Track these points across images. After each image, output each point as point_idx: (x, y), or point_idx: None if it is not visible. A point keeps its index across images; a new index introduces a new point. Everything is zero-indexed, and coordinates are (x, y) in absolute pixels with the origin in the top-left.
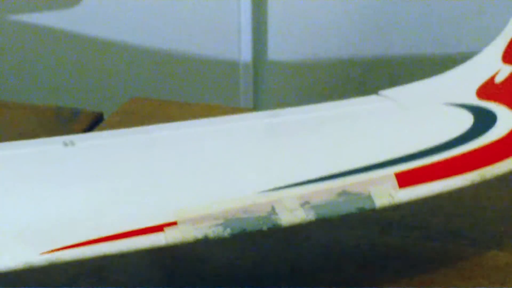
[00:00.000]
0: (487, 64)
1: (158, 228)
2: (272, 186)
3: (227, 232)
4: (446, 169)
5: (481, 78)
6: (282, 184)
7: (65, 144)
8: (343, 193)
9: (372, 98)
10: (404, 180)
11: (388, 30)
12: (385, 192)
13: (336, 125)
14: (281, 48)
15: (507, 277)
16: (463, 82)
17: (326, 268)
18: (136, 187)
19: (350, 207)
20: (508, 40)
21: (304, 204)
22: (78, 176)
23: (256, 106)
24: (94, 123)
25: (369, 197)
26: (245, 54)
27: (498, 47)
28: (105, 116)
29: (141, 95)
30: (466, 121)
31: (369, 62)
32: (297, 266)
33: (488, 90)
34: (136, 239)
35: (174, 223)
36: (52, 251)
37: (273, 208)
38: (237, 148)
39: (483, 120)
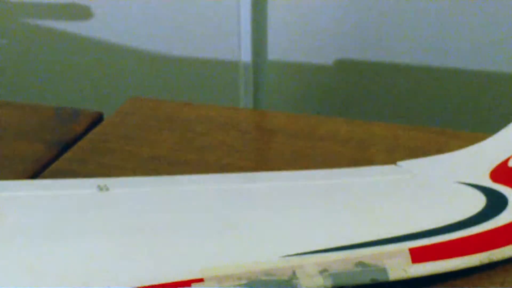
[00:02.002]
0: (501, 147)
1: (186, 283)
2: (293, 252)
3: None
4: (457, 249)
5: (495, 160)
6: (302, 250)
7: (100, 189)
8: (360, 264)
9: (390, 168)
10: (417, 256)
11: (386, 35)
12: (399, 266)
13: (355, 195)
14: (281, 49)
15: (506, 277)
16: (478, 162)
17: None
18: (165, 241)
19: (365, 278)
20: None
21: (323, 271)
22: (111, 225)
23: (256, 106)
24: (94, 123)
25: (383, 270)
26: (245, 55)
27: None
28: (105, 116)
29: (141, 95)
30: (479, 202)
31: (367, 63)
32: None
33: (501, 173)
34: None
35: (201, 280)
36: None
37: (294, 273)
38: (257, 210)
39: (495, 203)
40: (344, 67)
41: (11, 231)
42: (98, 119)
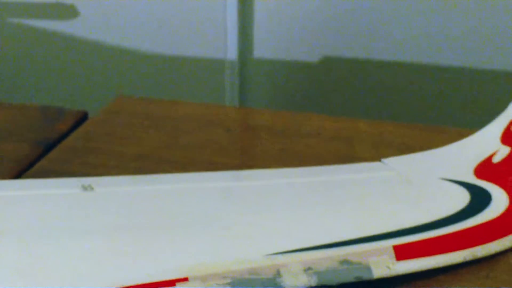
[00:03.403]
0: (486, 143)
1: (171, 283)
2: (277, 250)
3: None
4: (441, 246)
5: (480, 157)
6: (287, 249)
7: (84, 188)
8: (344, 262)
9: (374, 165)
10: (402, 253)
11: (372, 32)
12: (383, 264)
13: (340, 192)
14: (267, 47)
15: (490, 271)
16: (462, 158)
17: None
18: (150, 240)
19: (349, 276)
20: (507, 122)
21: (308, 269)
22: (96, 225)
23: (242, 104)
24: (79, 122)
25: (368, 268)
26: (231, 52)
27: (498, 127)
28: (91, 115)
29: (127, 94)
30: (463, 199)
31: (353, 61)
32: None
33: (485, 169)
34: None
35: (186, 279)
36: None
37: (278, 272)
38: (242, 209)
39: (479, 200)
40: (330, 64)
41: None
42: (83, 118)
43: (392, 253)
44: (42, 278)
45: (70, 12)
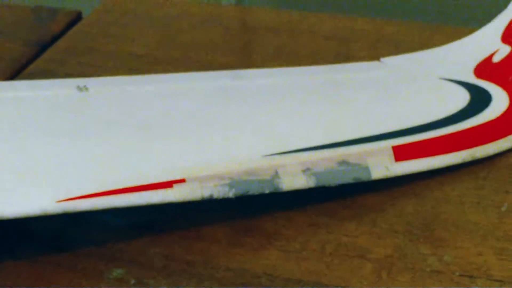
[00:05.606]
0: (486, 43)
1: (168, 185)
2: (275, 151)
3: (231, 193)
4: (440, 146)
5: (480, 56)
6: (285, 149)
7: (79, 89)
8: (343, 162)
9: (373, 64)
10: (401, 153)
11: None
12: (382, 164)
13: (338, 92)
14: None
15: (490, 172)
16: (462, 58)
17: None
18: (146, 141)
19: (348, 177)
20: (508, 20)
21: (306, 170)
22: (92, 125)
23: (239, 2)
24: (72, 22)
25: (366, 168)
26: None
27: (498, 26)
28: (84, 15)
29: None
30: (463, 99)
31: None
32: None
33: (485, 69)
34: (147, 194)
35: (183, 180)
36: (68, 199)
37: (276, 173)
38: (240, 109)
39: (479, 100)
40: None
41: None
42: (76, 18)
43: (391, 153)
44: (36, 178)
45: None
